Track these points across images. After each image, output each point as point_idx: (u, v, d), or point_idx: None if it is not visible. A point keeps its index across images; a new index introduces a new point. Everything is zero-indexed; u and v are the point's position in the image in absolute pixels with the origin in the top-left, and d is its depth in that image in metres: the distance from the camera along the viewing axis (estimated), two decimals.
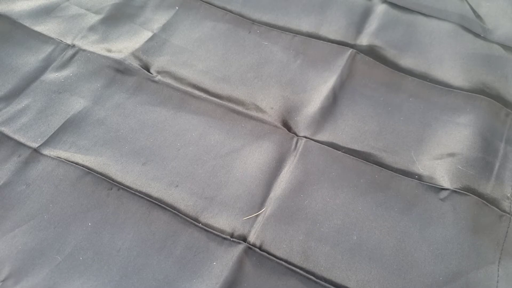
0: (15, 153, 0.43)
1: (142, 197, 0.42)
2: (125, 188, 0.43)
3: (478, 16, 0.64)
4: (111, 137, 0.46)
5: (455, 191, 0.44)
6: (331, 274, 0.39)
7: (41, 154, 0.43)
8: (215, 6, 0.60)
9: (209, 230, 0.41)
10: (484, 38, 0.60)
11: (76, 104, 0.47)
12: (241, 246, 0.40)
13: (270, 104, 0.50)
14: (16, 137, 0.44)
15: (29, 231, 0.38)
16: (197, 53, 0.54)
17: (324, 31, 0.59)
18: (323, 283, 0.38)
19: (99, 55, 0.52)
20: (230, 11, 0.59)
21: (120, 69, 0.51)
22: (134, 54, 0.52)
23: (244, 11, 0.60)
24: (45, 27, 0.54)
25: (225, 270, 0.39)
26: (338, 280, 0.39)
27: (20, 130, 0.45)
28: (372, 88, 0.54)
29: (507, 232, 0.43)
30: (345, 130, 0.49)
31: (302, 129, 0.49)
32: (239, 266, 0.39)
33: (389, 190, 0.45)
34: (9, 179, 0.42)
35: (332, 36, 0.58)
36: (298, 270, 0.39)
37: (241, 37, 0.57)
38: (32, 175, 0.42)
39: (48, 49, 0.52)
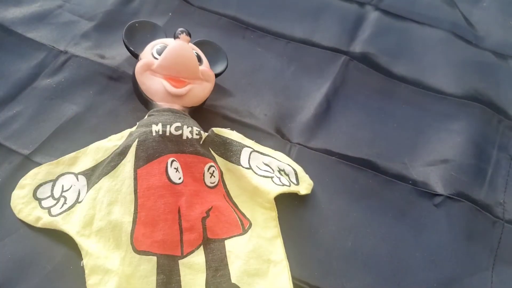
0: (6, 160, 0.42)
1: None
2: None
3: (470, 24, 0.64)
4: None
5: (448, 197, 0.44)
6: (325, 282, 0.39)
7: (32, 161, 0.42)
8: (208, 11, 0.60)
9: None
10: (476, 45, 0.61)
11: (68, 110, 0.47)
12: None
13: (263, 111, 0.50)
14: (7, 144, 0.44)
15: (19, 240, 0.37)
16: None
17: (318, 38, 0.59)
18: None
19: (92, 61, 0.52)
20: (224, 16, 0.59)
21: (113, 76, 0.51)
22: (127, 61, 0.52)
23: (238, 15, 0.60)
24: (37, 34, 0.54)
25: None
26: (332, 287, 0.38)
27: (11, 137, 0.44)
28: (366, 95, 0.54)
29: (500, 238, 0.43)
30: (338, 137, 0.49)
31: (295, 136, 0.49)
32: None
33: (383, 195, 0.45)
34: None
35: (325, 43, 0.59)
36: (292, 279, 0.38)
37: (235, 43, 0.57)
38: None
39: (40, 55, 0.52)
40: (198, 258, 0.35)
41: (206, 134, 0.42)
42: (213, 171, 0.40)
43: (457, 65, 0.58)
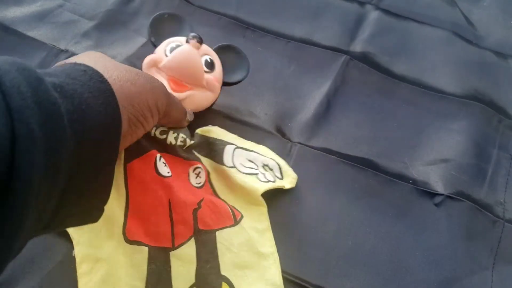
0: None
1: None
2: None
3: (470, 23, 0.64)
4: None
5: (449, 196, 0.45)
6: (325, 281, 0.39)
7: None
8: (209, 10, 0.60)
9: None
10: (476, 45, 0.61)
11: None
12: None
13: (264, 110, 0.50)
14: None
15: None
16: None
17: (318, 37, 0.59)
18: None
19: None
20: (225, 15, 0.59)
21: None
22: (128, 60, 0.52)
23: (238, 15, 0.60)
24: (38, 33, 0.54)
25: None
26: (332, 287, 0.38)
27: None
28: (366, 95, 0.54)
29: (500, 237, 0.43)
30: (339, 136, 0.49)
31: (296, 135, 0.49)
32: None
33: (383, 195, 0.45)
34: None
35: (325, 42, 0.58)
36: (292, 278, 0.38)
37: (235, 42, 0.56)
38: None
39: (41, 54, 0.52)
40: (189, 249, 0.36)
41: (192, 142, 0.41)
42: (199, 172, 0.40)
43: (458, 64, 0.58)
